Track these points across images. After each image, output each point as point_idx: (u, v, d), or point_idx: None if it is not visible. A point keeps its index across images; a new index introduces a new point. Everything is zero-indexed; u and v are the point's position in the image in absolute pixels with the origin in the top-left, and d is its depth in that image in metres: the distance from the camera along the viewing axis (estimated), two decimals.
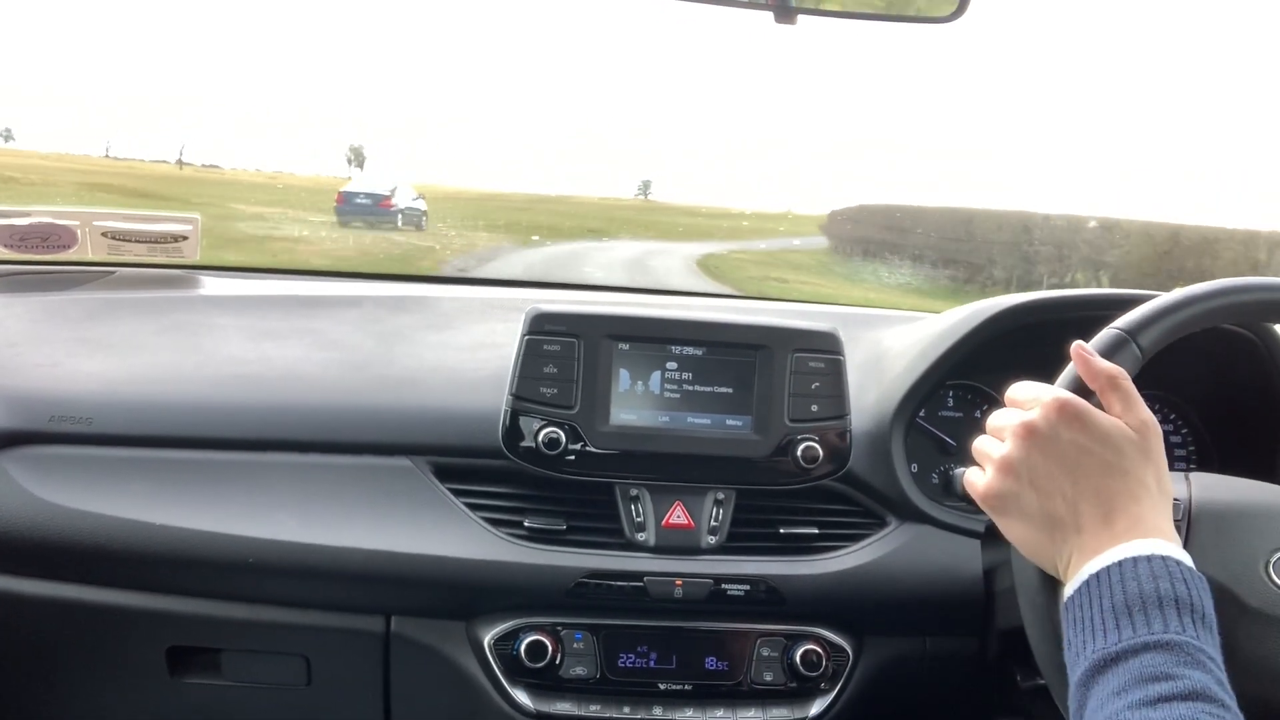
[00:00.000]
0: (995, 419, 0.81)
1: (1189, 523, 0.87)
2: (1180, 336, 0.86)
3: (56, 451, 1.14)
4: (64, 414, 1.15)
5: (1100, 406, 0.77)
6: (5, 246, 1.48)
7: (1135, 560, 0.69)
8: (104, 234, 1.52)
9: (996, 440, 0.80)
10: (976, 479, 0.81)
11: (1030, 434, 0.75)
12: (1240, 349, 1.27)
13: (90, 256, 1.53)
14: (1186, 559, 0.70)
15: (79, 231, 1.51)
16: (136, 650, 1.17)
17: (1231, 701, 0.64)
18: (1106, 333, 0.85)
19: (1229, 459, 1.35)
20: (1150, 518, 0.72)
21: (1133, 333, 0.84)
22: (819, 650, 1.16)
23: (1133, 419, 0.75)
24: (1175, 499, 0.86)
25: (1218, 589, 0.74)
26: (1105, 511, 0.72)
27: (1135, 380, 0.79)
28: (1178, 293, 0.87)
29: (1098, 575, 0.70)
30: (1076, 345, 0.80)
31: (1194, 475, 0.92)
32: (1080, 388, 0.79)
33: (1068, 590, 0.72)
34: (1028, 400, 0.79)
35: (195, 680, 1.18)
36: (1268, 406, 1.28)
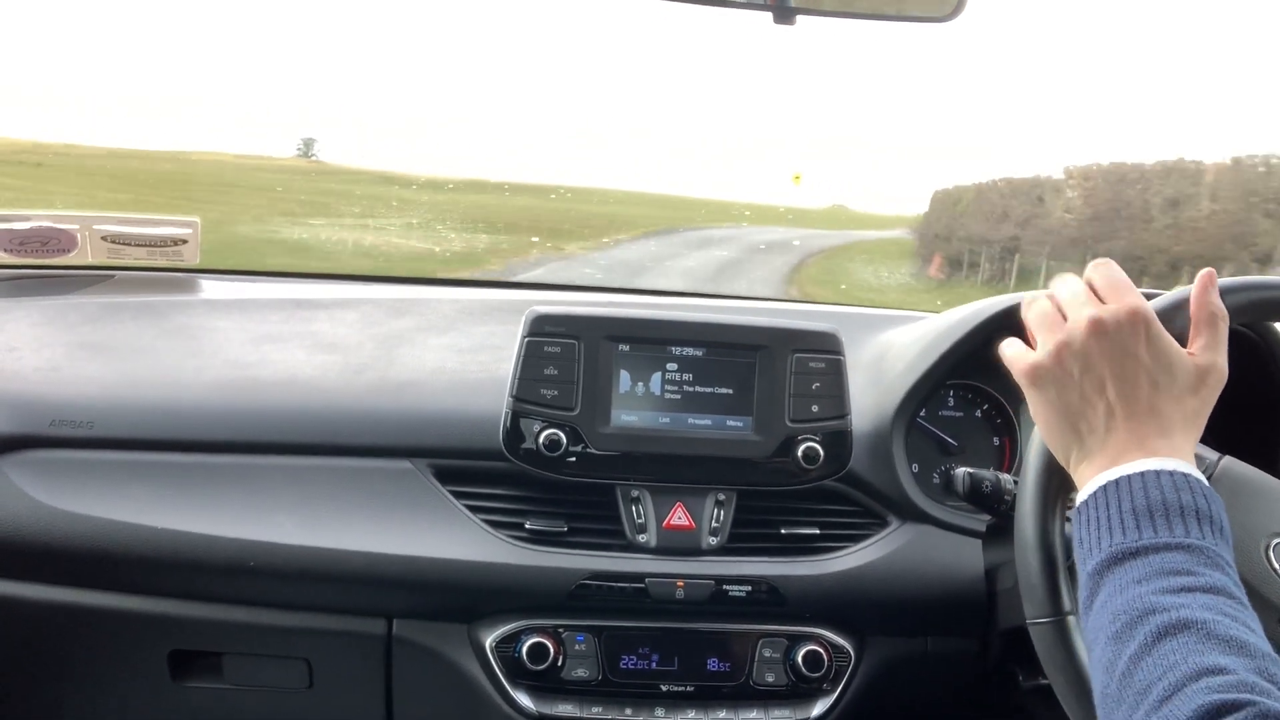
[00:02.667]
0: (1065, 292, 0.79)
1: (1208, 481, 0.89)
2: (1259, 317, 0.90)
3: (57, 456, 1.13)
4: (64, 418, 1.14)
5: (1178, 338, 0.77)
6: (4, 250, 1.48)
7: (1158, 472, 0.70)
8: (104, 238, 1.52)
9: (1058, 318, 0.78)
10: (1020, 351, 0.80)
11: (1098, 328, 0.75)
12: (1242, 348, 1.27)
13: (90, 260, 1.52)
14: (1205, 481, 0.71)
15: (78, 235, 1.51)
16: (138, 654, 1.17)
17: (1247, 602, 0.65)
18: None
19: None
20: (1179, 444, 0.73)
21: (1222, 291, 0.85)
22: (821, 651, 1.16)
23: (1204, 358, 0.76)
24: (1202, 457, 0.89)
25: None
26: (1140, 425, 0.73)
27: None
28: (1274, 277, 0.90)
29: (1117, 481, 0.70)
30: (1206, 272, 0.79)
31: (1226, 456, 0.94)
32: (1170, 311, 0.79)
33: (1085, 491, 0.73)
34: (1107, 289, 0.78)
35: (197, 684, 1.18)
36: (1269, 406, 1.27)
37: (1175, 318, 0.79)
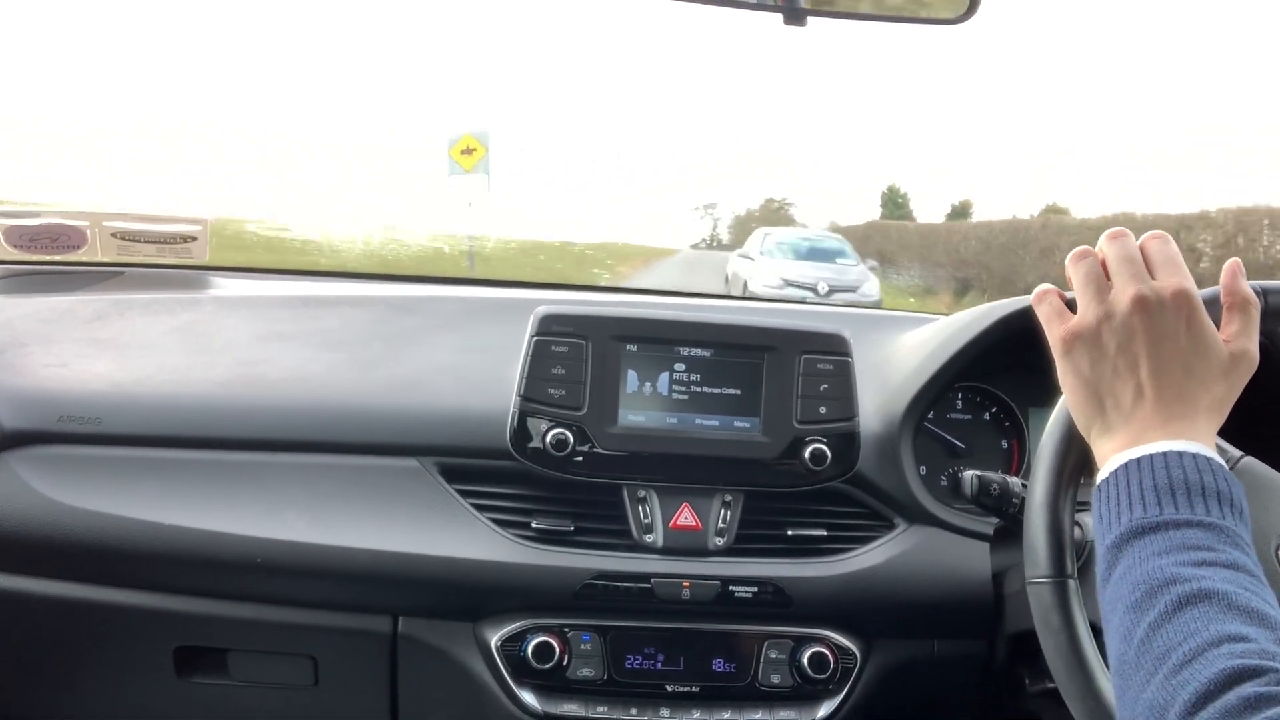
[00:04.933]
0: (1116, 254, 0.77)
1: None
2: None
3: (65, 451, 1.14)
4: (73, 414, 1.15)
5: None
6: (15, 247, 1.48)
7: (1180, 454, 0.69)
8: (113, 234, 1.52)
9: (1104, 282, 0.77)
10: (1057, 311, 0.79)
11: (1142, 305, 0.74)
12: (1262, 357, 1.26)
13: (100, 257, 1.53)
14: (1226, 466, 0.70)
15: (88, 232, 1.51)
16: (143, 650, 1.17)
17: (1265, 580, 0.65)
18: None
19: None
20: (1202, 428, 0.72)
21: (1266, 290, 0.86)
22: (827, 652, 1.16)
23: (1237, 345, 0.75)
24: (1224, 449, 0.88)
25: None
26: (1166, 407, 0.72)
27: None
28: None
29: (1139, 460, 0.70)
30: (1233, 261, 0.79)
31: (1249, 456, 0.93)
32: (1209, 298, 0.78)
33: (1106, 468, 0.72)
34: (1159, 262, 0.76)
35: (202, 680, 1.18)
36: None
37: (1212, 306, 0.79)
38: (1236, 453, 0.92)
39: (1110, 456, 0.72)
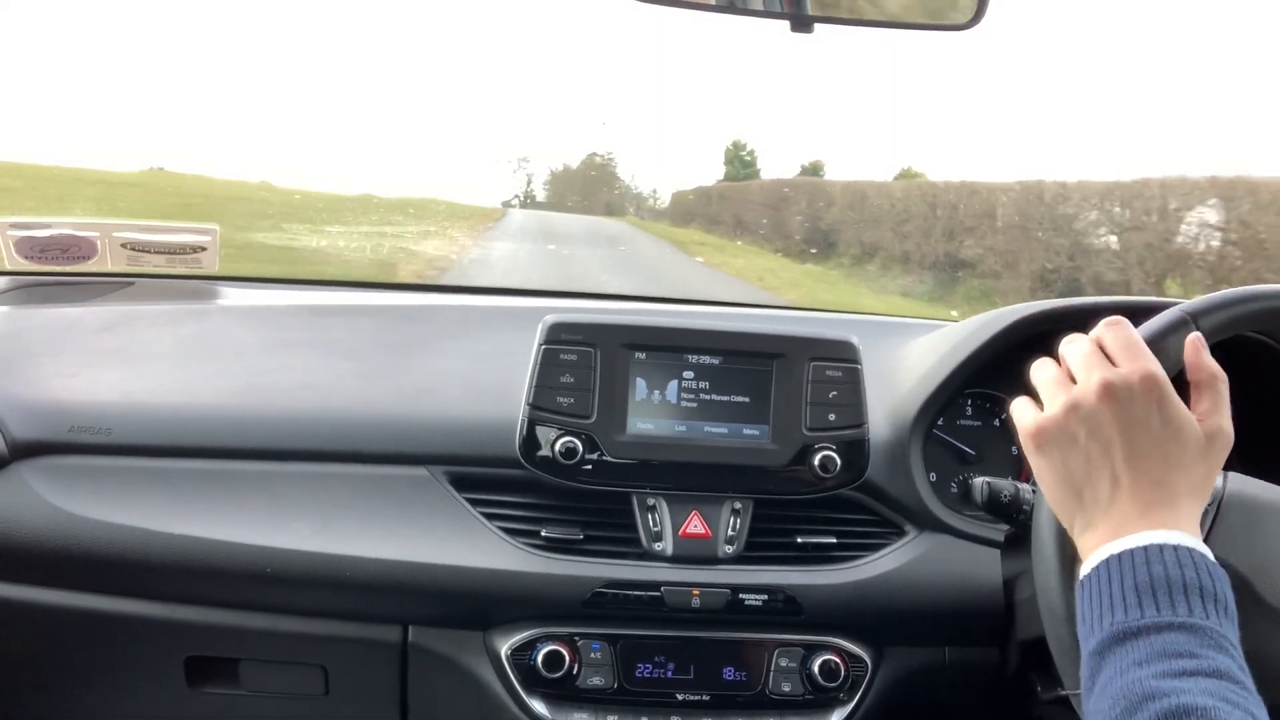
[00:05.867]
0: (1074, 353, 0.77)
1: (1219, 510, 0.87)
2: (1241, 330, 0.86)
3: (76, 462, 1.14)
4: (83, 424, 1.15)
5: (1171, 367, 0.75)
6: (25, 257, 1.49)
7: (1161, 547, 0.68)
8: (123, 245, 1.53)
9: (1067, 381, 0.76)
10: (1026, 410, 0.78)
11: (1108, 392, 0.73)
12: (1256, 355, 1.25)
13: (110, 267, 1.53)
14: (1210, 555, 0.69)
15: (98, 243, 1.52)
16: (154, 660, 1.17)
17: (1252, 686, 0.63)
18: (1170, 312, 0.84)
19: (1242, 467, 1.33)
20: (1184, 514, 0.71)
21: (1195, 315, 0.84)
22: (838, 660, 1.15)
23: (1211, 423, 0.74)
24: None
25: (1237, 579, 0.73)
26: (1144, 495, 0.71)
27: None
28: (1249, 287, 0.88)
29: (1119, 556, 0.69)
30: (1194, 337, 0.78)
31: (1230, 474, 0.92)
32: (1158, 338, 0.77)
33: (1088, 564, 0.71)
34: (1119, 350, 0.75)
35: (213, 690, 1.18)
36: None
37: (1165, 345, 0.78)
38: (1220, 481, 0.89)
39: (1092, 551, 0.71)
